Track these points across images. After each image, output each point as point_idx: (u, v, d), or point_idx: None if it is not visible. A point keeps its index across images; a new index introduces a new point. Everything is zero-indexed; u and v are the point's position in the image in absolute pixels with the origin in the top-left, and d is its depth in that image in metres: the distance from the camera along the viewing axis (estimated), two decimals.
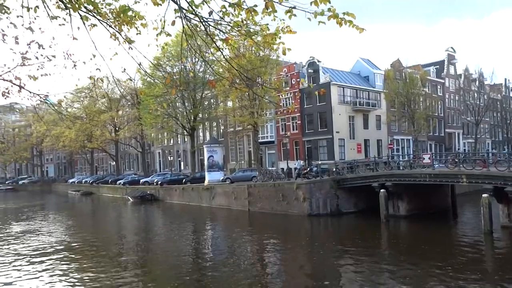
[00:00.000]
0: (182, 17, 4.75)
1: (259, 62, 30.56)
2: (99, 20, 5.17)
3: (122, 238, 23.87)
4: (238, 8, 4.64)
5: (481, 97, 56.65)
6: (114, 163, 62.78)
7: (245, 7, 4.62)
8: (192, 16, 4.79)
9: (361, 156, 40.55)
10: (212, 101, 47.39)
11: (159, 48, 6.05)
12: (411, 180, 23.86)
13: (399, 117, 46.20)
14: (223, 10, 4.73)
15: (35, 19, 5.73)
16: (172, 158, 55.12)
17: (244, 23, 4.94)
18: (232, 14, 4.77)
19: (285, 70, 42.52)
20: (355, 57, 56.57)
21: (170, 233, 24.31)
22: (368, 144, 44.24)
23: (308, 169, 32.08)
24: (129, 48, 5.39)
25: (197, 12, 4.77)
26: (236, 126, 45.62)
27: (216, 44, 5.14)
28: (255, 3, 4.66)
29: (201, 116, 46.39)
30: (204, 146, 40.13)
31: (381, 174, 25.54)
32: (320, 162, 36.75)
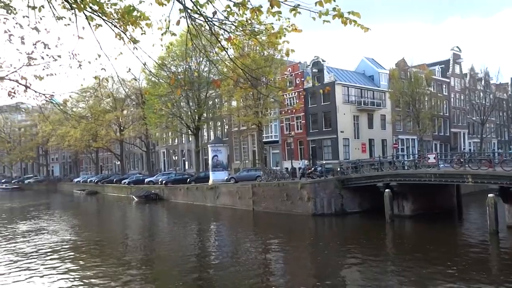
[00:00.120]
0: (187, 16, 4.75)
1: (264, 62, 30.52)
2: (104, 20, 5.18)
3: (127, 237, 23.97)
4: (242, 8, 4.64)
5: (487, 96, 56.29)
6: (119, 162, 63.02)
7: (249, 7, 4.61)
8: (197, 15, 4.80)
9: (365, 156, 40.43)
10: (216, 101, 47.43)
11: (163, 48, 6.05)
12: (416, 180, 23.76)
13: (404, 116, 46.00)
14: (228, 9, 4.73)
15: (41, 19, 5.77)
16: (176, 157, 55.21)
17: (249, 22, 4.93)
18: (236, 14, 4.76)
19: (289, 69, 42.49)
20: (360, 57, 56.55)
21: (175, 233, 24.38)
22: (372, 144, 44.10)
23: (313, 168, 32.01)
24: (134, 48, 5.41)
25: (202, 11, 4.77)
26: (241, 125, 45.62)
27: (221, 43, 5.14)
28: (260, 3, 4.66)
29: (205, 116, 46.44)
30: (208, 145, 40.17)
31: (386, 174, 25.46)
32: (324, 162, 36.68)
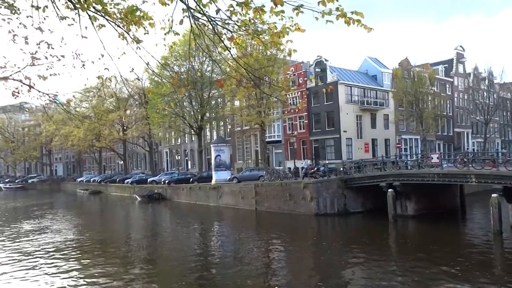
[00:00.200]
0: (190, 16, 4.75)
1: (267, 61, 30.50)
2: (107, 20, 5.19)
3: (130, 236, 24.03)
4: (246, 7, 4.64)
5: (491, 96, 56.00)
6: (122, 162, 63.19)
7: (252, 6, 4.61)
8: (200, 15, 4.80)
9: (368, 156, 40.36)
10: (219, 101, 47.47)
11: (166, 48, 6.06)
12: (419, 180, 23.67)
13: (407, 116, 45.88)
14: (231, 9, 4.73)
15: (44, 19, 5.79)
16: (179, 157, 55.29)
17: (252, 22, 4.93)
18: (239, 13, 4.76)
19: (292, 69, 42.45)
20: (363, 56, 56.32)
21: (178, 232, 24.41)
22: (375, 144, 44.01)
23: (315, 168, 31.98)
24: (137, 47, 5.42)
25: (204, 11, 4.77)
26: (243, 125, 45.63)
27: (224, 43, 5.14)
28: (263, 3, 4.66)
29: (208, 116, 46.49)
30: (211, 145, 40.21)
31: (389, 174, 25.40)
32: (327, 162, 36.63)
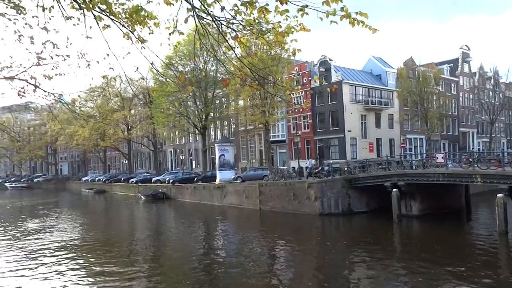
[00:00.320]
0: (195, 16, 4.76)
1: (271, 61, 30.49)
2: (112, 20, 5.21)
3: (134, 236, 24.11)
4: (250, 7, 4.64)
5: (496, 95, 55.62)
6: (126, 161, 63.40)
7: (257, 6, 4.61)
8: (205, 15, 4.80)
9: (373, 156, 40.22)
10: (223, 100, 47.46)
11: (171, 47, 6.07)
12: (424, 180, 23.58)
13: (412, 116, 45.67)
14: (235, 8, 4.73)
15: (50, 19, 5.82)
16: (183, 156, 55.37)
17: (256, 22, 4.93)
18: (244, 13, 4.76)
19: (296, 69, 42.42)
20: (367, 56, 56.10)
21: (182, 232, 24.46)
22: (380, 143, 43.87)
23: (320, 168, 31.93)
24: (141, 47, 5.43)
25: (209, 11, 4.78)
26: (248, 125, 45.62)
27: (228, 42, 5.14)
28: (267, 2, 4.65)
29: (212, 115, 46.51)
30: (215, 145, 40.23)
31: (394, 174, 25.31)
32: (331, 161, 36.58)
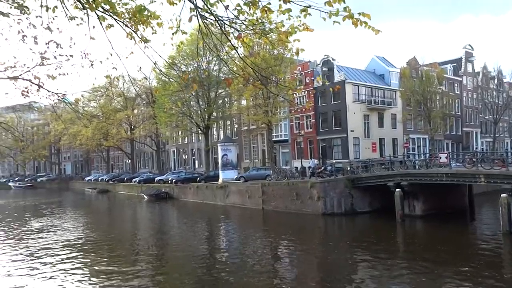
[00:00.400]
0: (198, 15, 4.77)
1: (274, 61, 30.48)
2: (115, 19, 5.22)
3: (137, 235, 24.16)
4: (253, 7, 4.64)
5: (500, 95, 55.46)
6: (129, 161, 63.54)
7: (260, 6, 4.61)
8: (208, 14, 4.81)
9: (376, 155, 40.16)
10: (226, 100, 47.52)
11: (174, 47, 6.07)
12: (428, 180, 23.50)
13: (415, 115, 45.56)
14: (238, 8, 4.73)
15: (53, 19, 5.83)
16: (186, 156, 55.47)
17: (259, 21, 4.93)
18: (247, 13, 4.76)
19: (299, 68, 42.38)
20: (370, 55, 55.94)
21: (185, 231, 24.49)
22: (383, 143, 43.80)
23: (322, 168, 31.88)
24: (144, 47, 5.43)
25: (212, 10, 4.78)
26: (250, 124, 45.65)
27: (231, 42, 5.15)
28: (269, 1, 4.65)
29: (215, 115, 46.57)
30: (218, 144, 40.27)
31: (397, 174, 25.26)
32: (334, 161, 36.56)
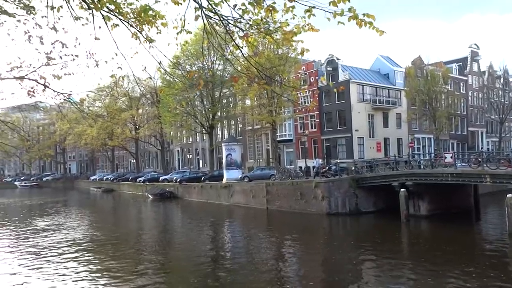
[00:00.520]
0: (202, 15, 4.78)
1: (278, 60, 30.46)
2: (120, 19, 5.24)
3: (142, 234, 24.24)
4: (258, 7, 4.64)
5: (506, 94, 55.06)
6: (134, 160, 63.78)
7: (264, 6, 4.61)
8: (212, 14, 4.82)
9: (380, 155, 40.03)
10: (230, 100, 47.53)
11: (179, 47, 6.11)
12: (433, 180, 23.39)
13: (420, 115, 45.34)
14: (243, 7, 4.74)
15: (59, 19, 5.86)
16: (191, 156, 55.55)
17: (264, 21, 4.93)
18: (251, 12, 4.77)
19: (303, 68, 42.31)
20: (375, 54, 55.85)
21: (189, 231, 24.56)
22: (388, 143, 43.63)
23: (327, 167, 31.84)
24: (149, 47, 5.45)
25: (216, 10, 4.79)
26: (255, 124, 45.63)
27: (235, 42, 5.15)
28: (274, 1, 4.65)
29: (219, 115, 46.59)
30: (222, 144, 40.30)
31: (402, 173, 25.16)
32: (338, 161, 36.46)
